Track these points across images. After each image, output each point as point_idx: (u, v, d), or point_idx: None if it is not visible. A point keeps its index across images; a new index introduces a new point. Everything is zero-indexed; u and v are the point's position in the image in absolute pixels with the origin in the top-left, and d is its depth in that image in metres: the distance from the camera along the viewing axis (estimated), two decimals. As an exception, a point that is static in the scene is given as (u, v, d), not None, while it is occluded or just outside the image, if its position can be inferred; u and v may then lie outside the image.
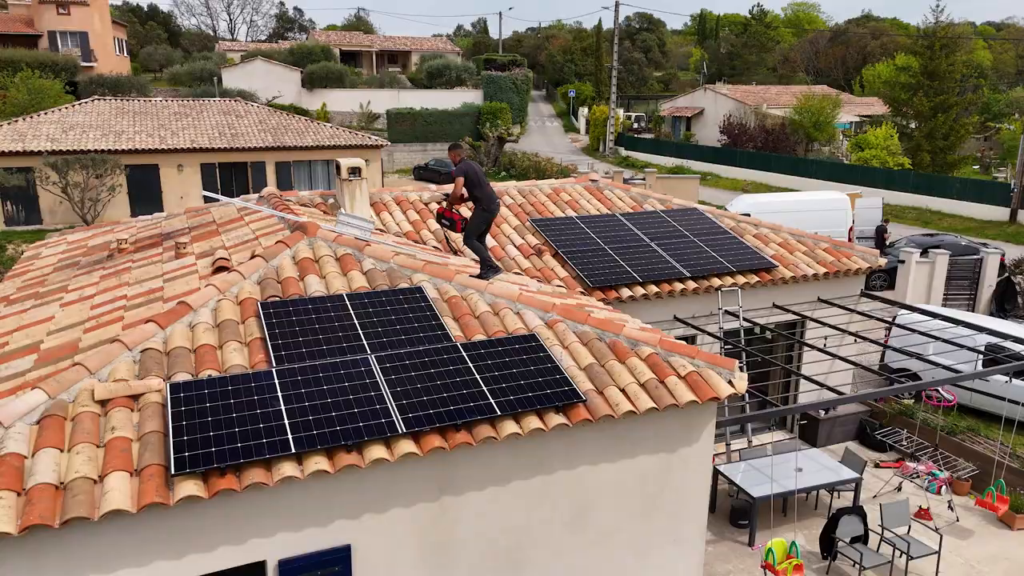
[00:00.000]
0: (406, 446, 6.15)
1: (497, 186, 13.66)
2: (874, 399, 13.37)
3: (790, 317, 12.35)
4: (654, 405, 7.02)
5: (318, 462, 5.85)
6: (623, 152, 47.66)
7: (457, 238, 11.11)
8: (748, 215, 25.38)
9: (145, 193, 28.81)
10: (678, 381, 7.33)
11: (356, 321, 7.38)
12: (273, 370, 6.56)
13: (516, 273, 10.95)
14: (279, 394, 6.28)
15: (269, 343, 6.88)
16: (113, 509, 5.20)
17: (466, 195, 9.31)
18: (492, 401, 6.58)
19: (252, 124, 31.76)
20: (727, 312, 11.73)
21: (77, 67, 51.70)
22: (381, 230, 11.40)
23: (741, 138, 42.89)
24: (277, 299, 7.63)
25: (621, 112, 53.88)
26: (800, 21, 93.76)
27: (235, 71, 54.00)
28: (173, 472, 5.41)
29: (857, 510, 9.59)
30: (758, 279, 11.80)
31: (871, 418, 13.06)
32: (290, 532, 6.13)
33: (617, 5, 46.04)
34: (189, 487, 5.45)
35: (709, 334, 11.20)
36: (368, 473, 6.27)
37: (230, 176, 30.22)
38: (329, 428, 6.02)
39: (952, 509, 10.87)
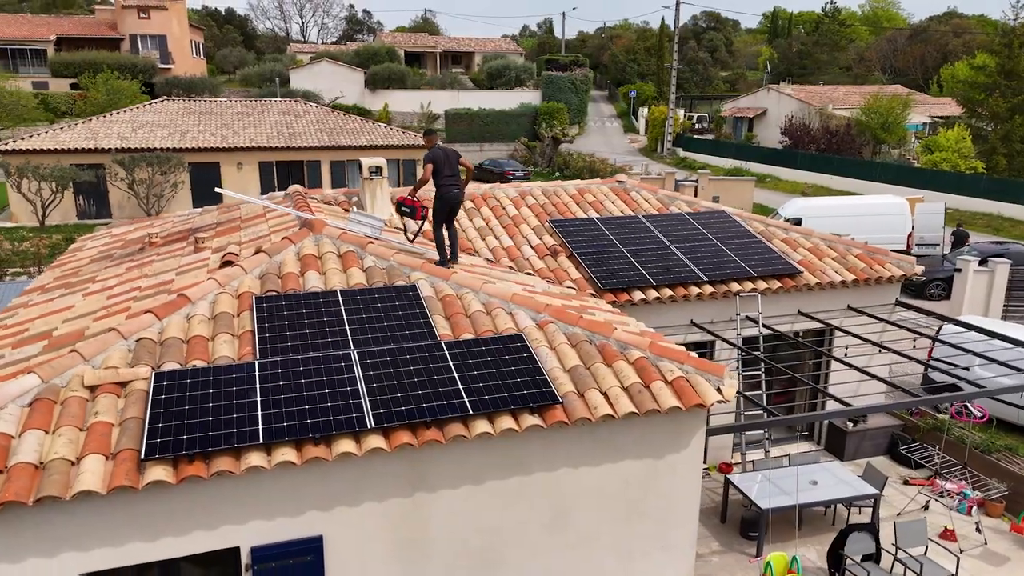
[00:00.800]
0: (374, 441, 6.25)
1: (521, 186, 13.69)
2: (909, 412, 12.82)
3: (818, 325, 11.95)
4: (634, 410, 6.93)
5: (285, 453, 6.01)
6: (681, 153, 46.91)
7: (414, 227, 10.59)
8: (799, 220, 24.76)
9: (206, 189, 29.93)
10: (664, 386, 7.21)
11: (345, 317, 7.53)
12: (256, 362, 6.76)
13: (528, 273, 10.96)
14: (257, 386, 6.47)
15: (256, 336, 7.10)
16: (85, 490, 5.46)
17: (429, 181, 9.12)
18: (466, 400, 6.61)
19: (310, 124, 32.63)
20: (747, 318, 11.44)
21: (155, 69, 54.17)
22: (400, 228, 11.57)
23: (803, 139, 41.59)
24: (275, 294, 7.85)
25: (681, 112, 53.04)
26: (878, 18, 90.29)
27: (302, 72, 55.53)
28: (143, 457, 5.65)
29: (869, 527, 9.22)
30: (780, 285, 11.46)
31: (904, 432, 12.51)
32: (263, 521, 6.31)
33: (678, 4, 45.33)
34: (158, 472, 5.68)
35: (725, 340, 10.95)
36: (340, 466, 6.40)
37: (287, 174, 31.12)
38: (300, 420, 6.17)
39: (980, 531, 10.32)
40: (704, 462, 12.02)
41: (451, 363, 7.04)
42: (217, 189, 9.34)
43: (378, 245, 9.05)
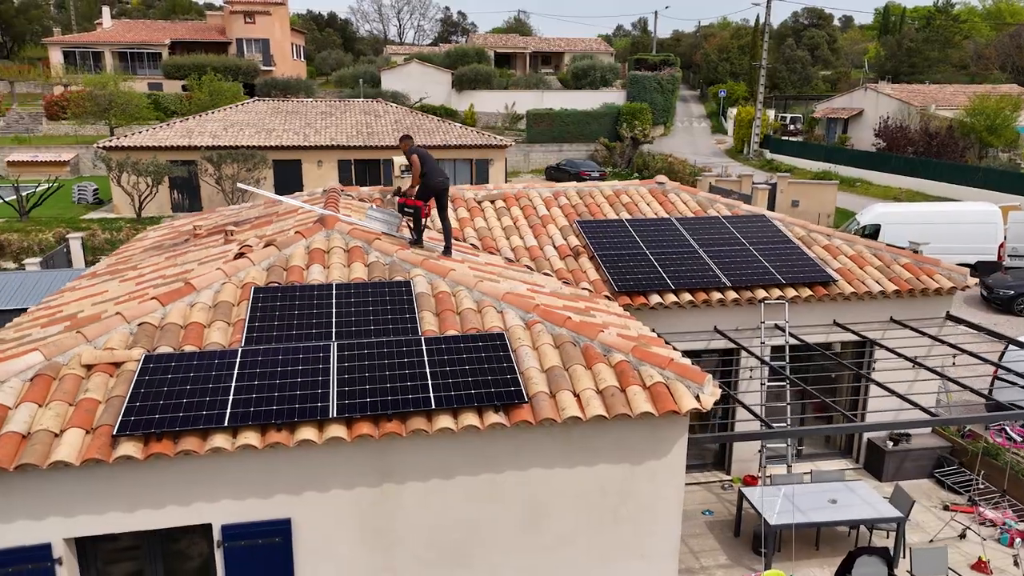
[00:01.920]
0: (336, 430, 6.45)
1: (558, 185, 13.68)
2: (961, 433, 12.00)
3: (858, 337, 11.35)
4: (603, 413, 6.84)
5: (248, 437, 6.30)
6: (768, 155, 45.29)
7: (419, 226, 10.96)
8: (877, 227, 23.50)
9: (288, 186, 31.32)
10: (640, 391, 7.09)
11: (335, 310, 7.79)
12: (239, 349, 7.10)
13: (545, 273, 10.96)
14: (235, 372, 6.80)
15: (247, 324, 7.45)
16: (59, 460, 5.92)
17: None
18: (431, 395, 6.72)
19: (388, 124, 33.56)
20: (776, 327, 11.02)
21: (257, 70, 57.02)
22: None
23: (899, 142, 39.29)
24: (276, 285, 8.21)
25: (771, 113, 51.22)
26: (1001, 14, 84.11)
27: (393, 73, 57.08)
28: (115, 433, 6.06)
29: (881, 551, 8.72)
30: (811, 293, 10.98)
31: (951, 455, 11.72)
32: (233, 500, 6.63)
33: (769, 0, 43.80)
34: (127, 448, 6.08)
35: (746, 349, 10.60)
36: (309, 453, 6.64)
37: (364, 172, 32.14)
38: (266, 407, 6.45)
39: (1018, 565, 9.57)
40: (728, 473, 11.74)
41: (425, 358, 7.17)
42: (240, 185, 9.81)
43: (385, 241, 9.29)
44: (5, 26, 73.34)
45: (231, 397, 6.51)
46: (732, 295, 10.77)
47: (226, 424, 6.25)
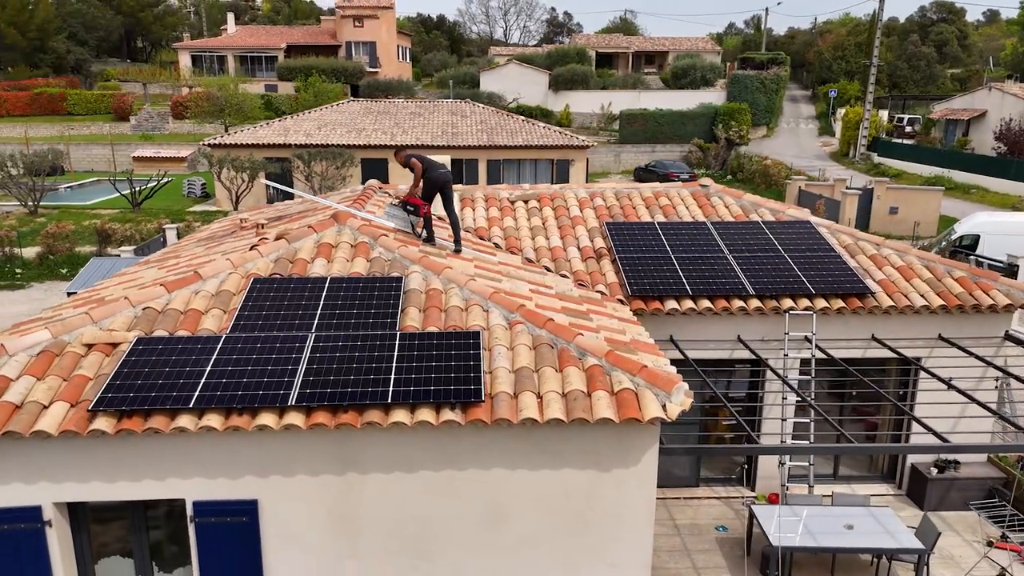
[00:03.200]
0: (294, 418, 6.68)
1: (594, 186, 13.52)
2: (1021, 464, 10.96)
3: (895, 354, 10.59)
4: (561, 416, 6.75)
5: (210, 419, 6.63)
6: (875, 158, 42.65)
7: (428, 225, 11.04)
8: (977, 237, 21.73)
9: (374, 184, 32.42)
10: (605, 396, 6.94)
11: (322, 303, 8.06)
12: (223, 336, 7.48)
13: (563, 275, 10.86)
14: (212, 357, 7.17)
15: (237, 313, 7.84)
16: (40, 429, 6.45)
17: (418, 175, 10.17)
18: (390, 389, 6.84)
19: (473, 124, 34.07)
20: (806, 339, 10.45)
21: (363, 72, 59.27)
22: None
23: (1022, 146, 36.02)
24: (276, 276, 8.58)
25: (884, 114, 48.18)
26: None
27: (491, 74, 57.81)
28: (90, 408, 6.54)
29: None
30: (843, 304, 10.33)
31: (1004, 488, 10.72)
32: (204, 479, 7.00)
33: (882, -5, 41.22)
34: (101, 423, 6.54)
35: (762, 361, 10.12)
36: (274, 437, 6.91)
37: (447, 171, 32.75)
38: (232, 391, 6.76)
39: (1058, 613, 8.66)
40: (753, 490, 11.26)
41: (395, 353, 7.30)
42: (263, 180, 10.29)
43: (391, 238, 9.50)
44: (144, 32, 79.64)
45: (202, 380, 6.87)
46: (755, 303, 10.30)
47: (191, 406, 6.61)
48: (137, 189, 32.11)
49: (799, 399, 10.51)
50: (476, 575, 7.40)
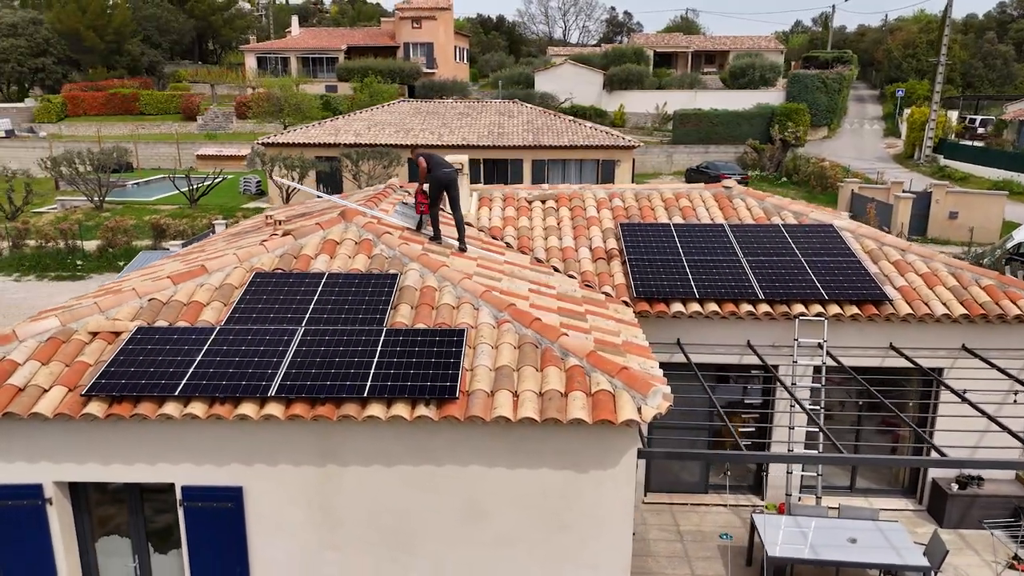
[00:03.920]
0: (273, 408, 6.88)
1: (612, 187, 13.41)
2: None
3: (923, 363, 10.18)
4: (533, 416, 6.75)
5: (194, 408, 6.88)
6: (941, 161, 40.87)
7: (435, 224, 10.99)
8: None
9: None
10: (580, 396, 6.92)
11: (316, 298, 8.25)
12: (217, 328, 7.74)
13: (570, 275, 10.83)
14: (204, 347, 7.44)
15: (234, 306, 8.10)
16: (37, 412, 6.81)
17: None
18: (367, 384, 6.97)
19: (519, 124, 34.15)
20: (819, 346, 10.16)
21: (419, 73, 60.03)
22: (469, 223, 12.06)
23: (1101, 148, 33.97)
24: (278, 272, 8.83)
25: (954, 115, 46.12)
26: None
27: (546, 74, 57.74)
28: (83, 393, 6.87)
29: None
30: (858, 311, 10.00)
31: (1031, 507, 10.20)
32: (193, 465, 7.27)
33: (951, -10, 39.45)
34: (93, 407, 6.87)
35: (768, 367, 9.89)
36: (258, 427, 7.12)
37: (493, 171, 32.94)
38: (216, 381, 7.00)
39: (1074, 642, 8.18)
40: (763, 499, 11.02)
41: (379, 349, 7.42)
42: (273, 179, 10.59)
43: (395, 236, 9.65)
44: (215, 35, 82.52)
45: (191, 370, 7.13)
46: (764, 308, 10.06)
47: (177, 394, 6.87)
48: (195, 186, 33.32)
49: (810, 406, 10.24)
50: (456, 569, 7.48)
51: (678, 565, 9.67)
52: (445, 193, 10.29)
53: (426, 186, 10.42)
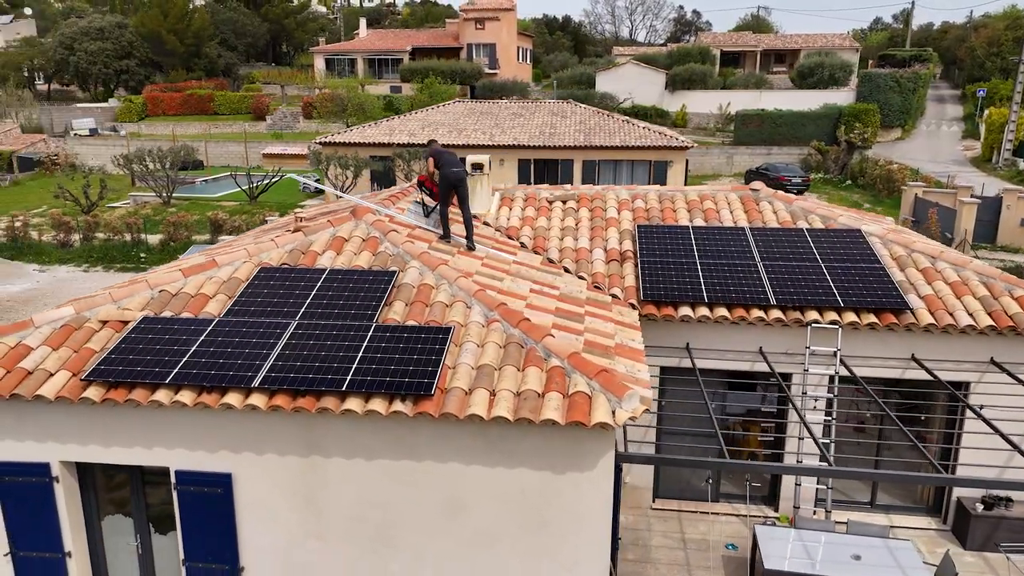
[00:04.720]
0: (256, 399, 7.09)
1: (636, 188, 13.25)
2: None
3: (948, 376, 9.71)
4: (506, 415, 6.76)
5: (184, 396, 7.16)
6: (1021, 165, 38.64)
7: (430, 203, 11.53)
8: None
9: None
10: (556, 397, 6.89)
11: (314, 293, 8.46)
12: (215, 319, 8.03)
13: (581, 277, 10.76)
14: (200, 338, 7.72)
15: (235, 299, 8.38)
16: (40, 394, 7.22)
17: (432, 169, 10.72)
18: (347, 378, 7.10)
19: (571, 125, 34.02)
20: (835, 354, 9.81)
21: (481, 73, 60.50)
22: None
23: None
24: (284, 266, 9.09)
25: (1037, 116, 43.50)
26: None
27: (608, 75, 57.34)
28: (83, 378, 7.24)
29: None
30: (875, 320, 9.60)
31: (1064, 532, 9.58)
32: (186, 450, 7.57)
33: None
34: (90, 392, 7.23)
35: (776, 376, 9.60)
36: (246, 417, 7.35)
37: (543, 171, 32.93)
38: (206, 370, 7.26)
39: None
40: (776, 510, 10.74)
41: (364, 344, 7.56)
42: (292, 176, 10.90)
43: (402, 234, 9.79)
44: (288, 37, 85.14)
45: (184, 359, 7.42)
46: (776, 314, 9.77)
47: (167, 382, 7.16)
48: (255, 184, 34.48)
49: (825, 417, 9.91)
50: (435, 563, 7.55)
51: (677, 572, 9.50)
52: (454, 192, 10.39)
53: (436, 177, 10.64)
